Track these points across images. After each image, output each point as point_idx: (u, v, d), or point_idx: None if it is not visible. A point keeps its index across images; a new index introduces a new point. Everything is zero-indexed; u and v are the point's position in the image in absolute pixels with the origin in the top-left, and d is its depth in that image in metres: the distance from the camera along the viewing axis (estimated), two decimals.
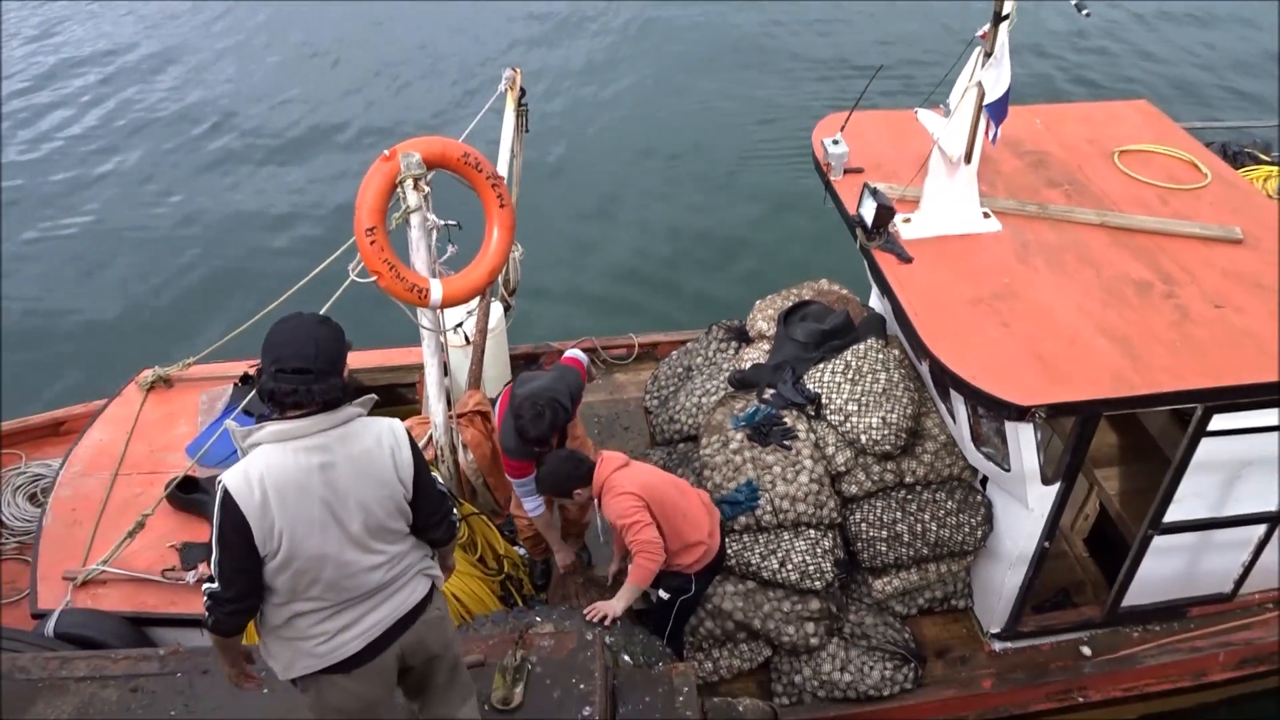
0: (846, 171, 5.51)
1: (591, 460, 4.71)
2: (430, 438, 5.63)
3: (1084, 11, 3.94)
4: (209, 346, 5.94)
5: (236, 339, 5.64)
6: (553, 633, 4.32)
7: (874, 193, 4.87)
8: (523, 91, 5.62)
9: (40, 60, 15.36)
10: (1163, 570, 5.22)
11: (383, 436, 3.17)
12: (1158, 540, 5.05)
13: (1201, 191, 5.42)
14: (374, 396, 3.36)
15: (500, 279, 6.50)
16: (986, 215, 5.12)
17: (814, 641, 5.14)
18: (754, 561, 5.13)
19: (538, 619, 4.59)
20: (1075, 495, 6.09)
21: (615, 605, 4.63)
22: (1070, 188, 5.41)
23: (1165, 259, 4.91)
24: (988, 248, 4.98)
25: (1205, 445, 4.61)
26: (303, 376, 2.94)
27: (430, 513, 3.30)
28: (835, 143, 5.48)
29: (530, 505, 5.12)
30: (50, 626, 4.70)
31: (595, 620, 4.57)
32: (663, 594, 4.85)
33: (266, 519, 2.91)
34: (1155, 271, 4.83)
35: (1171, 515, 4.92)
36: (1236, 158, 7.12)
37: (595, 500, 4.64)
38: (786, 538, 5.15)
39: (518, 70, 5.53)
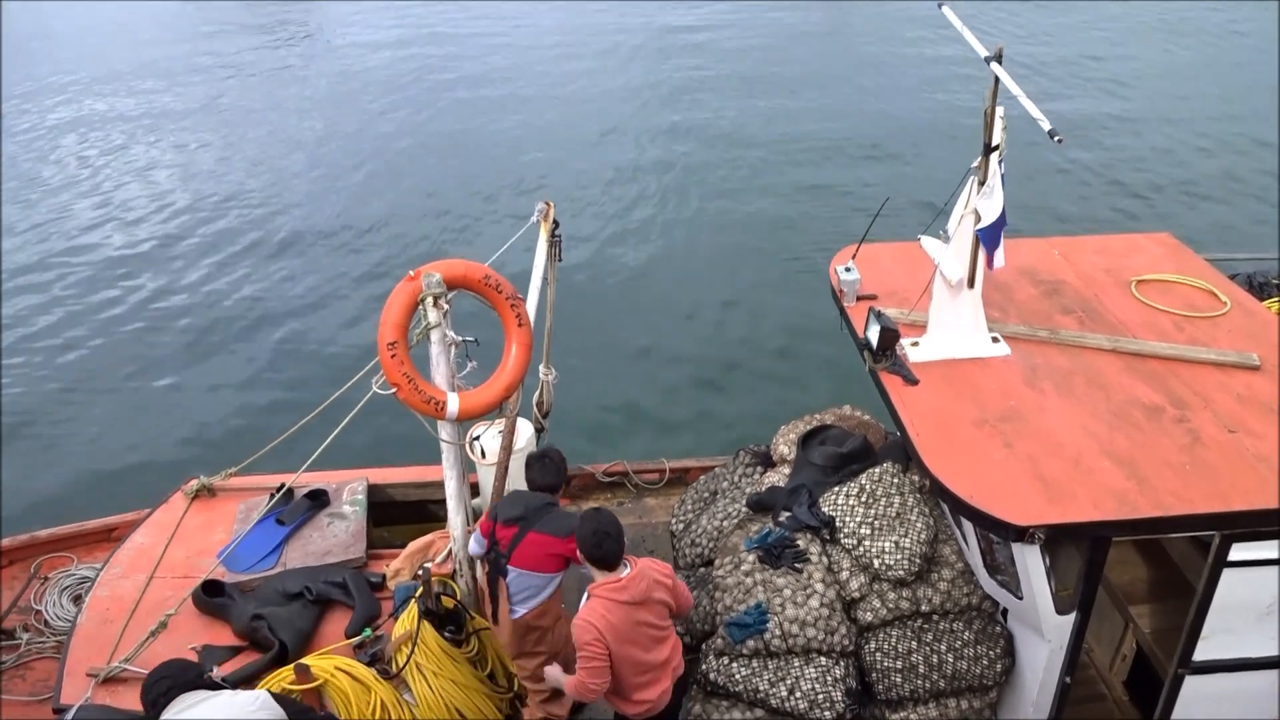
0: (860, 298, 5.65)
1: (616, 549, 4.45)
2: (450, 551, 5.76)
3: (1056, 139, 4.08)
4: (249, 457, 6.24)
5: (276, 451, 5.94)
6: None
7: (878, 316, 4.99)
8: (556, 223, 5.96)
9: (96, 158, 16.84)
10: (1201, 713, 4.91)
11: None
12: (1193, 681, 4.78)
13: (1220, 319, 5.37)
14: None
15: (534, 401, 6.75)
16: (995, 340, 5.17)
17: None
18: (762, 688, 5.01)
19: None
20: (1111, 634, 5.83)
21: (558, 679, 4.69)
22: (1084, 314, 5.43)
23: (1178, 384, 4.85)
24: (995, 371, 5.00)
25: (1229, 577, 4.42)
26: None
27: None
28: (848, 270, 5.66)
29: (473, 545, 5.25)
30: None
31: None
32: None
33: None
34: (1167, 396, 4.77)
35: (1202, 653, 4.68)
36: (1263, 289, 7.02)
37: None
38: (796, 664, 5.04)
39: (550, 204, 5.88)
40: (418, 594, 5.18)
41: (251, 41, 32.82)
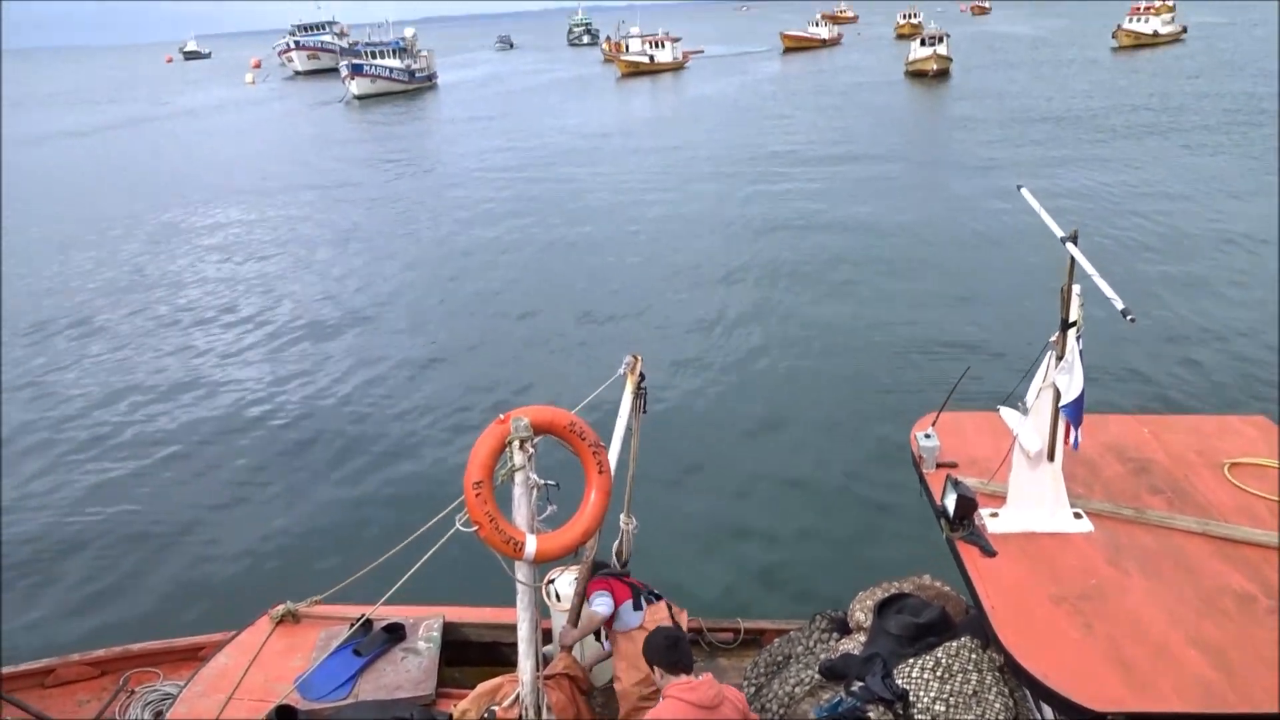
0: (939, 465, 5.65)
1: (688, 653, 4.85)
2: (517, 696, 5.77)
3: (1129, 318, 4.14)
4: (335, 585, 6.46)
5: (361, 577, 6.15)
6: None
7: (956, 484, 4.98)
8: (642, 376, 6.21)
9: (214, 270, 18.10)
10: None
11: None
12: None
13: None
14: None
15: (614, 550, 6.84)
16: (1078, 515, 5.07)
17: None
18: None
19: None
20: None
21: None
22: (1173, 495, 5.30)
23: (1273, 573, 4.64)
24: (1077, 548, 4.89)
25: None
26: None
27: None
28: (928, 436, 5.69)
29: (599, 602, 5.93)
30: None
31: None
32: None
33: None
34: (1260, 585, 4.56)
35: None
36: None
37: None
38: None
39: (638, 357, 6.15)
40: None
41: (374, 175, 35.63)
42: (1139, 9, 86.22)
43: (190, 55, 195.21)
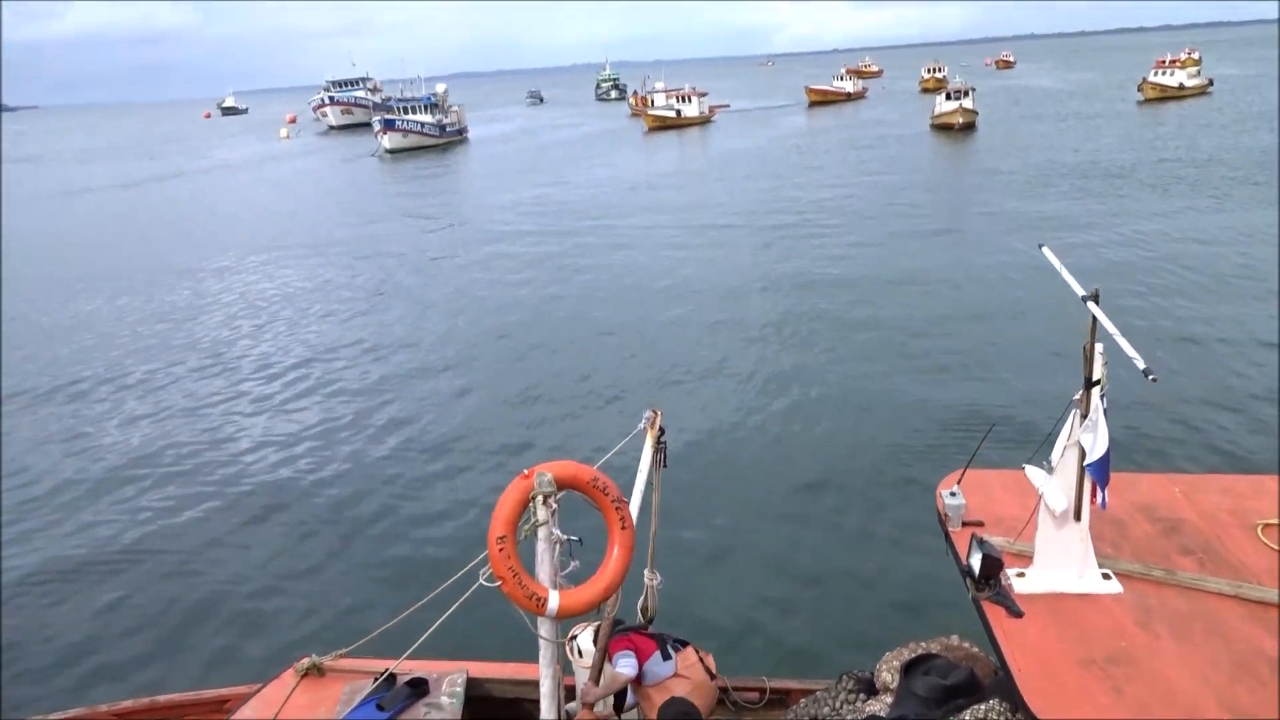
0: (965, 524, 5.61)
1: None
2: None
3: (1151, 378, 4.14)
4: (360, 639, 6.48)
5: (386, 631, 6.18)
6: None
7: (981, 543, 4.95)
8: (662, 430, 6.24)
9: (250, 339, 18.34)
10: None
11: None
12: None
13: None
14: None
15: (639, 606, 6.83)
16: (1107, 576, 5.01)
17: None
18: None
19: None
20: None
21: None
22: (1204, 556, 5.22)
23: None
24: (1106, 609, 4.82)
25: None
26: None
27: None
28: (953, 494, 5.66)
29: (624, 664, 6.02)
30: None
31: None
32: None
33: None
34: None
35: None
36: None
37: None
38: None
39: (658, 411, 6.20)
40: None
41: (403, 229, 36.30)
42: (1164, 62, 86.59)
43: (228, 111, 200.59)
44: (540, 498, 5.15)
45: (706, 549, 11.16)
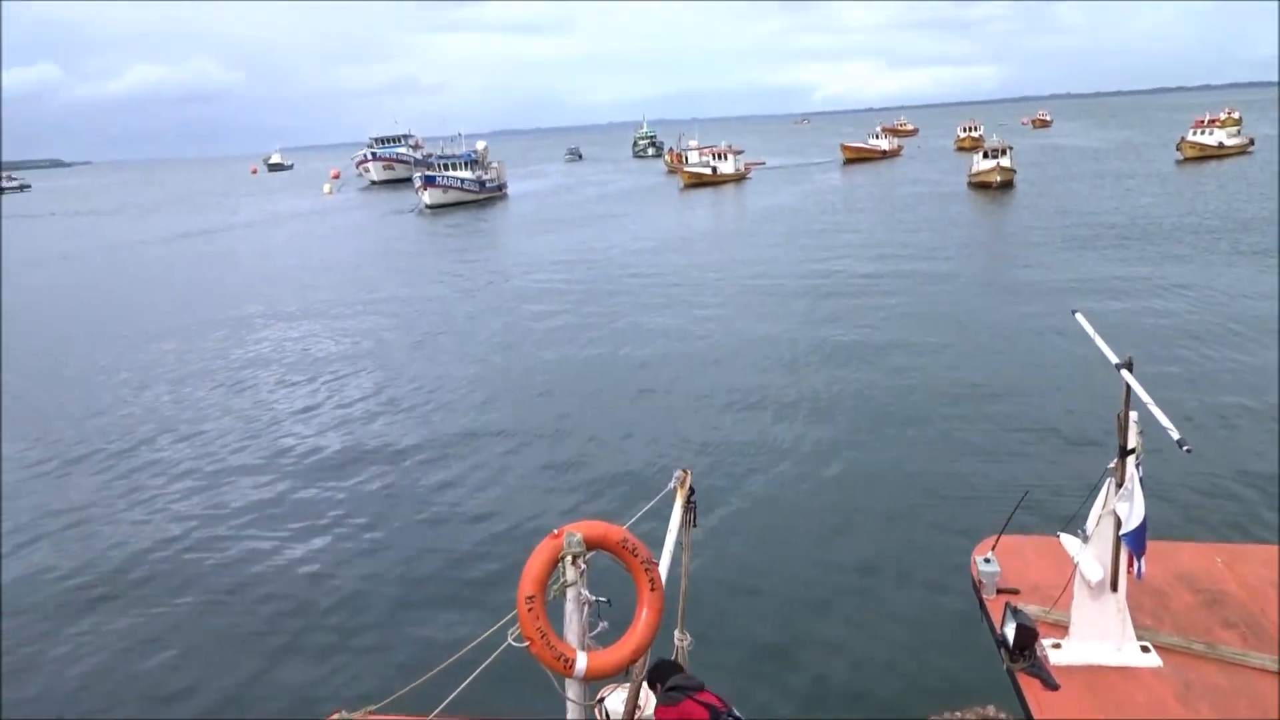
0: (1000, 591, 5.53)
1: None
2: None
3: (1185, 448, 4.09)
4: (389, 696, 6.46)
5: (415, 691, 6.16)
6: None
7: (1015, 612, 4.88)
8: (692, 490, 6.24)
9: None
10: None
11: None
12: None
13: None
14: None
15: None
16: (1146, 649, 4.90)
17: None
18: None
19: None
20: None
21: None
22: (1247, 630, 5.09)
23: None
24: (1144, 684, 4.71)
25: None
26: None
27: None
28: (988, 561, 5.59)
29: None
30: None
31: None
32: None
33: None
34: None
35: None
36: None
37: None
38: None
39: (688, 471, 6.20)
40: None
41: (441, 284, 36.82)
42: (1203, 121, 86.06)
43: (274, 167, 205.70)
44: (569, 558, 5.16)
45: (738, 612, 11.02)
